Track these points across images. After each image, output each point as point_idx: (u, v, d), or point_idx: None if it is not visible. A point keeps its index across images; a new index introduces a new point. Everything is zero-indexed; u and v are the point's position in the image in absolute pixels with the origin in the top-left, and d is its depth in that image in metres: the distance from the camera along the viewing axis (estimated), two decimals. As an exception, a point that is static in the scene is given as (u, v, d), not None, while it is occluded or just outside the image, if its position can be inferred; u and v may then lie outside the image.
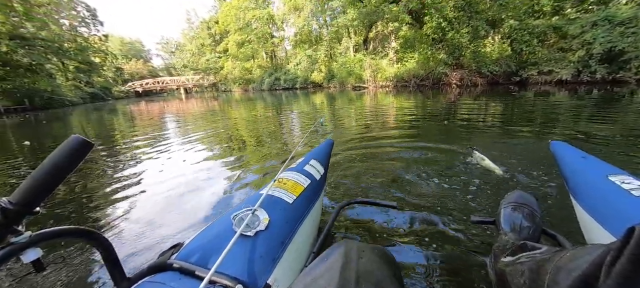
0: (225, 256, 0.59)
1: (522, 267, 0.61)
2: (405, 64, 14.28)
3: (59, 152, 0.46)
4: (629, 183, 0.90)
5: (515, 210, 0.98)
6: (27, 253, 0.46)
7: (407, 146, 2.84)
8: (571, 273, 0.41)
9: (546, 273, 0.48)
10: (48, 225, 1.63)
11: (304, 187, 1.07)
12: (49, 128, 7.38)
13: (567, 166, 1.16)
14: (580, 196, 1.02)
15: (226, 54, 32.09)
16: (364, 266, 0.47)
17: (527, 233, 0.92)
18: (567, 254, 0.48)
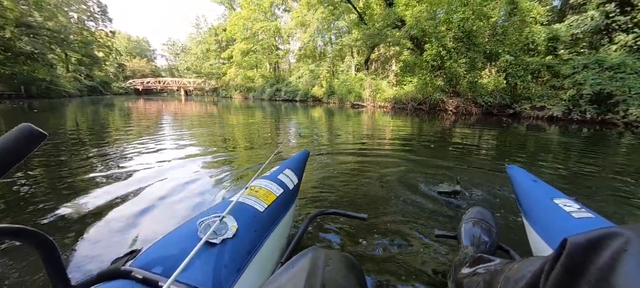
0: (188, 264, 0.55)
1: (478, 279, 0.64)
2: (404, 87, 14.59)
3: (4, 141, 0.40)
4: (570, 206, 1.00)
5: (475, 225, 1.06)
6: None
7: (391, 163, 2.90)
8: (517, 283, 0.43)
9: (498, 284, 0.50)
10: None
11: (276, 196, 1.05)
12: (40, 118, 7.29)
13: (519, 188, 1.26)
14: (529, 215, 1.10)
15: (230, 60, 32.50)
16: (330, 274, 0.47)
17: (485, 247, 0.99)
18: (515, 266, 0.50)
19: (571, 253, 0.33)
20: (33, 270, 1.08)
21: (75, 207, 1.68)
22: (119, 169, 2.49)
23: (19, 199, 1.78)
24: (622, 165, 3.27)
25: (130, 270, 0.60)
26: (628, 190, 2.30)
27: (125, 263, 0.63)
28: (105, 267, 0.64)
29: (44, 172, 2.38)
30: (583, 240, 0.33)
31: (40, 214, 1.59)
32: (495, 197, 2.01)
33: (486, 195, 2.04)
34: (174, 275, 0.51)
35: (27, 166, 2.49)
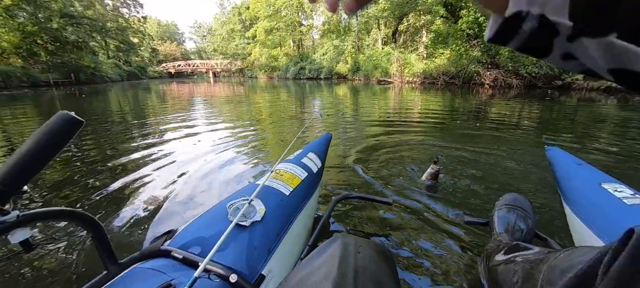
0: (221, 245, 0.59)
1: (515, 267, 0.61)
2: (435, 60, 13.62)
3: (45, 130, 0.43)
4: (621, 191, 0.92)
5: (510, 211, 1.01)
6: (15, 233, 0.45)
7: (418, 144, 2.76)
8: (565, 273, 0.41)
9: (540, 273, 0.48)
10: (40, 205, 1.68)
11: (300, 180, 1.07)
12: (88, 102, 7.99)
13: (561, 172, 1.18)
14: (572, 202, 1.03)
15: (254, 40, 32.56)
16: (361, 261, 0.46)
17: (520, 235, 0.94)
18: (561, 255, 0.48)
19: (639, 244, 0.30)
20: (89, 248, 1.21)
21: (116, 189, 1.84)
22: (154, 152, 2.66)
23: (68, 181, 1.99)
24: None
25: (169, 250, 0.66)
26: None
27: (164, 243, 0.69)
28: (147, 246, 0.70)
29: (92, 154, 2.63)
30: None
31: (87, 196, 1.75)
32: (532, 182, 1.85)
33: (522, 179, 1.88)
34: (209, 256, 0.53)
35: (77, 149, 2.75)
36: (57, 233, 1.30)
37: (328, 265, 0.45)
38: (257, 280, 0.66)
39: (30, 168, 0.43)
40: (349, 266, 0.44)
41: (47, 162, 0.44)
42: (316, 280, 0.43)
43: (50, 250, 1.19)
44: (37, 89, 13.90)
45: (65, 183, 1.94)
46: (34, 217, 0.47)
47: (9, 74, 14.24)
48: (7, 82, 13.86)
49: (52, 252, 1.18)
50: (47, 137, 0.43)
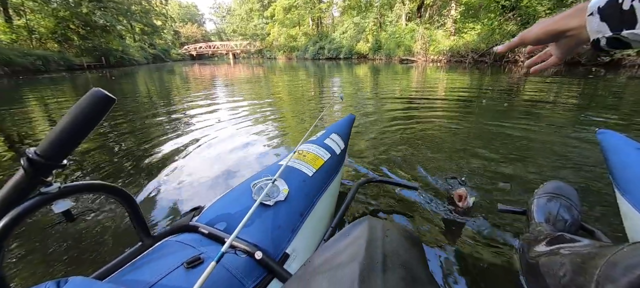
0: (246, 223, 0.59)
1: (561, 259, 0.58)
2: (464, 36, 12.69)
3: (80, 106, 0.44)
4: None
5: (551, 200, 0.94)
6: (57, 203, 0.48)
7: (445, 126, 2.62)
8: (631, 270, 0.39)
9: (595, 268, 0.46)
10: (80, 178, 1.80)
11: (323, 161, 1.06)
12: (117, 84, 8.39)
13: (615, 158, 1.05)
14: (628, 192, 0.92)
15: (273, 19, 32.10)
16: (390, 245, 0.45)
17: (563, 226, 0.87)
18: (624, 250, 0.45)
19: None
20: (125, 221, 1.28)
21: (146, 166, 1.93)
22: (180, 132, 2.75)
23: (102, 158, 2.11)
24: None
25: (197, 226, 0.69)
26: None
27: (192, 218, 0.72)
28: (177, 222, 0.73)
29: (123, 133, 2.76)
30: None
31: (120, 172, 1.86)
32: (576, 167, 1.69)
33: (566, 166, 1.71)
34: (235, 232, 0.55)
35: (110, 127, 2.91)
36: (96, 205, 1.39)
37: (355, 247, 0.43)
38: (281, 258, 0.67)
39: (69, 143, 0.45)
40: (377, 249, 0.43)
41: (83, 137, 0.46)
42: (342, 261, 0.41)
43: (90, 221, 1.27)
44: (72, 72, 14.81)
45: (100, 160, 2.06)
46: (74, 190, 0.50)
47: (47, 58, 15.22)
48: (47, 66, 14.85)
49: (92, 223, 1.26)
50: (82, 113, 0.44)
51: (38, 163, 0.43)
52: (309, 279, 0.42)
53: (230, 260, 0.59)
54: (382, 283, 0.37)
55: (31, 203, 0.44)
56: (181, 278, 0.52)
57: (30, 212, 0.44)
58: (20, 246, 1.12)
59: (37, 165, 0.43)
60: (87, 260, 1.04)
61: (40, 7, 16.98)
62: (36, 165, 0.43)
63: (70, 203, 0.50)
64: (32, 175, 0.43)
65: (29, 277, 0.98)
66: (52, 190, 0.47)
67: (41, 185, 0.45)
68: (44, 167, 0.44)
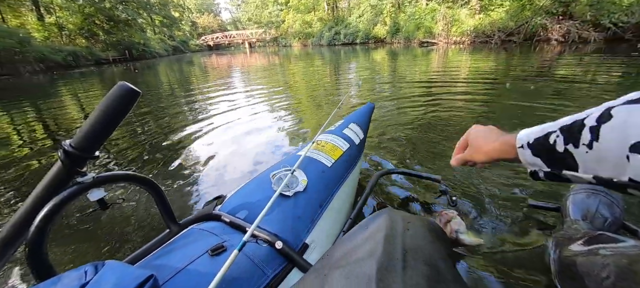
0: (266, 213, 0.60)
1: (603, 260, 0.55)
2: (490, 13, 11.87)
3: (108, 100, 0.46)
4: None
5: (590, 196, 0.87)
6: (92, 192, 0.51)
7: (470, 113, 2.49)
8: None
9: None
10: (110, 169, 1.89)
11: (342, 151, 1.04)
12: (140, 76, 8.72)
13: None
14: None
15: (287, 5, 31.67)
16: (411, 240, 0.43)
17: (602, 224, 0.81)
18: None
19: None
20: (153, 209, 1.35)
21: (170, 156, 2.00)
22: (201, 122, 2.82)
23: (130, 149, 2.21)
24: None
25: (220, 214, 0.71)
26: None
27: (214, 207, 0.75)
28: (200, 210, 0.76)
29: (148, 124, 2.89)
30: None
31: (146, 162, 1.95)
32: None
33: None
34: (256, 222, 0.56)
35: (136, 119, 3.04)
36: (128, 194, 1.47)
37: (373, 241, 0.42)
38: (301, 248, 0.68)
39: (100, 135, 0.47)
40: (397, 245, 0.41)
41: (113, 129, 0.48)
42: (360, 257, 0.40)
43: (122, 209, 1.34)
44: (100, 66, 15.59)
45: (128, 151, 2.17)
46: (107, 179, 0.53)
47: (77, 54, 16.08)
48: (77, 61, 15.71)
49: (124, 210, 1.33)
50: (111, 106, 0.46)
51: (73, 155, 0.45)
52: (327, 273, 0.41)
53: (252, 248, 0.60)
54: (401, 282, 0.35)
55: (69, 192, 0.47)
56: (206, 264, 0.53)
57: (69, 200, 0.47)
58: (60, 232, 1.21)
59: (72, 157, 0.45)
60: (120, 245, 1.11)
61: (68, 4, 17.81)
62: (72, 157, 0.45)
63: (104, 193, 0.53)
64: (69, 166, 0.46)
65: (69, 260, 1.06)
66: (87, 180, 0.49)
67: (77, 175, 0.48)
68: (79, 159, 0.46)
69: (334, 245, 0.48)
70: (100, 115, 0.46)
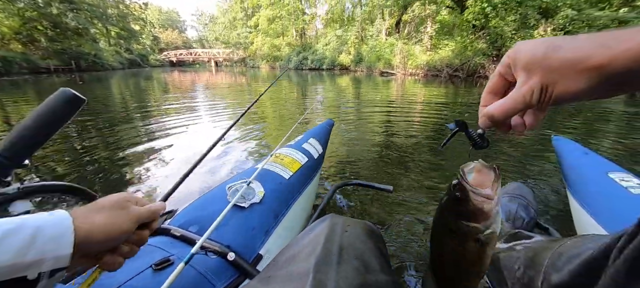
0: (219, 224, 0.59)
1: (517, 254, 0.61)
2: (439, 51, 13.40)
3: (46, 106, 0.43)
4: (628, 181, 0.90)
5: (511, 200, 1.00)
6: (15, 205, 0.45)
7: (420, 134, 2.74)
8: (572, 259, 0.40)
9: (544, 259, 0.48)
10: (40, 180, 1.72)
11: (300, 164, 1.07)
12: (86, 88, 7.95)
13: (567, 162, 1.16)
14: (577, 191, 1.01)
15: (257, 29, 32.16)
16: (348, 239, 0.46)
17: (521, 224, 0.94)
18: (568, 242, 0.48)
19: None
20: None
21: (117, 169, 1.83)
22: (154, 136, 2.64)
23: (68, 160, 1.98)
24: None
25: (168, 228, 0.67)
26: None
27: (163, 221, 0.70)
28: None
29: (95, 136, 2.61)
30: None
31: (87, 175, 1.75)
32: (535, 171, 1.82)
33: (525, 169, 1.85)
34: (207, 233, 0.54)
35: (78, 130, 2.74)
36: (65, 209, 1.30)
37: (314, 243, 0.45)
38: (255, 259, 0.67)
39: (32, 143, 0.43)
40: (335, 244, 0.44)
41: (48, 137, 0.44)
42: (301, 258, 0.43)
43: None
44: (37, 76, 13.84)
45: (66, 162, 1.94)
46: (35, 190, 0.48)
47: (9, 60, 14.15)
48: (8, 68, 13.79)
49: None
50: (49, 112, 0.42)
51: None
52: (270, 276, 0.43)
53: (201, 261, 0.58)
54: (335, 274, 0.39)
55: None
56: (149, 279, 0.50)
57: None
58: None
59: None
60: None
61: (4, 5, 15.88)
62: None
63: (30, 205, 0.47)
64: None
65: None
66: (10, 191, 0.44)
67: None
68: (3, 168, 0.41)
69: (280, 251, 0.49)
70: (35, 121, 0.42)
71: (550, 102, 0.24)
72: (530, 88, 0.24)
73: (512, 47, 0.27)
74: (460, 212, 0.38)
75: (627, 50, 0.20)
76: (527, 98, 0.25)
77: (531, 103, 0.25)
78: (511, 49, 0.27)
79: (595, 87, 0.22)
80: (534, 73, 0.24)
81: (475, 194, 0.36)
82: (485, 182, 0.37)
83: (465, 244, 0.40)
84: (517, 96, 0.26)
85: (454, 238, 0.41)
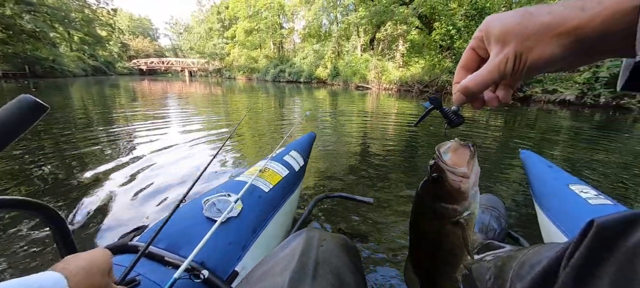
0: (193, 241, 0.57)
1: (487, 265, 0.62)
2: (410, 68, 14.18)
3: (3, 113, 0.39)
4: (586, 192, 0.99)
5: (484, 212, 1.04)
6: None
7: (398, 146, 2.84)
8: (534, 268, 0.41)
9: (510, 269, 0.49)
10: None
11: (281, 177, 1.05)
12: (42, 97, 7.31)
13: (533, 174, 1.23)
14: (542, 202, 1.08)
15: (233, 40, 31.89)
16: (323, 254, 0.46)
17: (494, 235, 0.98)
18: (531, 251, 0.49)
19: (597, 235, 0.31)
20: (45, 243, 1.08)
21: (85, 184, 1.68)
22: (127, 149, 2.48)
23: (29, 174, 1.79)
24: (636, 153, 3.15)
25: (137, 246, 0.63)
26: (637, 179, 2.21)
27: (132, 238, 0.67)
28: (114, 242, 0.66)
29: (54, 148, 2.39)
30: (611, 221, 0.30)
31: (49, 190, 1.59)
32: (506, 183, 1.95)
33: (496, 181, 1.98)
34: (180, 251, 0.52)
35: (38, 141, 2.49)
36: (13, 225, 1.17)
37: (289, 258, 0.45)
38: (230, 276, 0.65)
39: None
40: (310, 258, 0.44)
41: (3, 147, 0.40)
42: (276, 272, 0.42)
43: (3, 243, 1.07)
44: (-17, 81, 12.48)
45: (23, 175, 1.76)
46: None
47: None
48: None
49: (5, 244, 1.06)
50: (5, 120, 0.39)
51: None
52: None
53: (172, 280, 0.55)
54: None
55: None
56: None
57: None
58: None
59: None
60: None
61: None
62: None
63: None
64: None
65: None
66: None
67: None
68: None
69: (255, 266, 0.48)
70: None
71: (524, 70, 0.25)
72: (505, 56, 0.25)
73: (484, 21, 0.27)
74: (437, 194, 0.37)
75: (601, 12, 0.21)
76: (502, 67, 0.25)
77: (506, 72, 0.25)
78: (482, 23, 0.27)
79: (569, 53, 0.22)
80: (508, 42, 0.25)
81: (452, 174, 0.35)
82: (461, 161, 0.36)
83: (445, 228, 0.38)
84: (492, 66, 0.26)
85: (433, 222, 0.39)
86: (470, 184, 0.36)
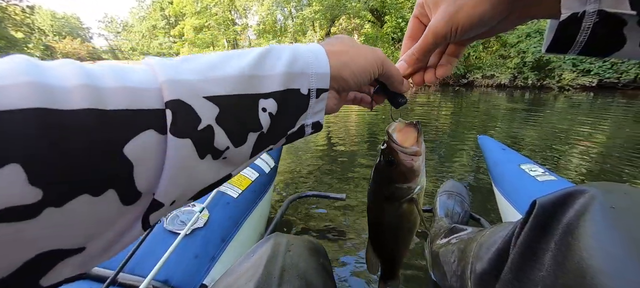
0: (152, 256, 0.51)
1: (452, 248, 0.65)
2: (367, 61, 14.68)
3: None
4: (534, 170, 1.07)
5: (449, 197, 1.09)
6: None
7: (362, 141, 2.89)
8: (490, 249, 0.44)
9: (471, 251, 0.51)
10: None
11: (251, 181, 1.01)
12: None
13: (489, 157, 1.32)
14: (498, 182, 1.15)
15: (182, 39, 29.67)
16: (291, 259, 0.46)
17: (458, 218, 1.02)
18: (487, 232, 0.51)
19: (538, 214, 0.33)
20: None
21: None
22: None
23: None
24: (557, 127, 3.63)
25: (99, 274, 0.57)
26: (561, 149, 2.53)
27: None
28: None
29: None
30: (549, 200, 0.33)
31: None
32: (468, 167, 2.06)
33: (456, 165, 2.08)
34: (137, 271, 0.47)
35: None
36: None
37: (256, 266, 0.44)
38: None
39: None
40: (277, 265, 0.44)
41: None
42: (241, 283, 0.41)
43: None
44: None
45: None
46: None
47: None
48: None
49: None
50: None
51: None
52: None
53: None
54: None
55: None
56: None
57: None
58: None
59: None
60: None
61: None
62: None
63: None
64: None
65: None
66: None
67: None
68: None
69: (219, 278, 0.46)
70: None
71: (458, 30, 0.25)
72: (437, 20, 0.25)
73: None
74: (392, 176, 0.38)
75: None
76: (436, 29, 0.25)
77: (439, 33, 0.26)
78: None
79: (499, 11, 0.23)
80: (440, 3, 0.25)
81: (404, 153, 0.36)
82: (410, 139, 0.38)
83: (402, 207, 0.40)
84: (427, 32, 0.27)
85: (391, 204, 0.41)
86: (421, 161, 0.38)
